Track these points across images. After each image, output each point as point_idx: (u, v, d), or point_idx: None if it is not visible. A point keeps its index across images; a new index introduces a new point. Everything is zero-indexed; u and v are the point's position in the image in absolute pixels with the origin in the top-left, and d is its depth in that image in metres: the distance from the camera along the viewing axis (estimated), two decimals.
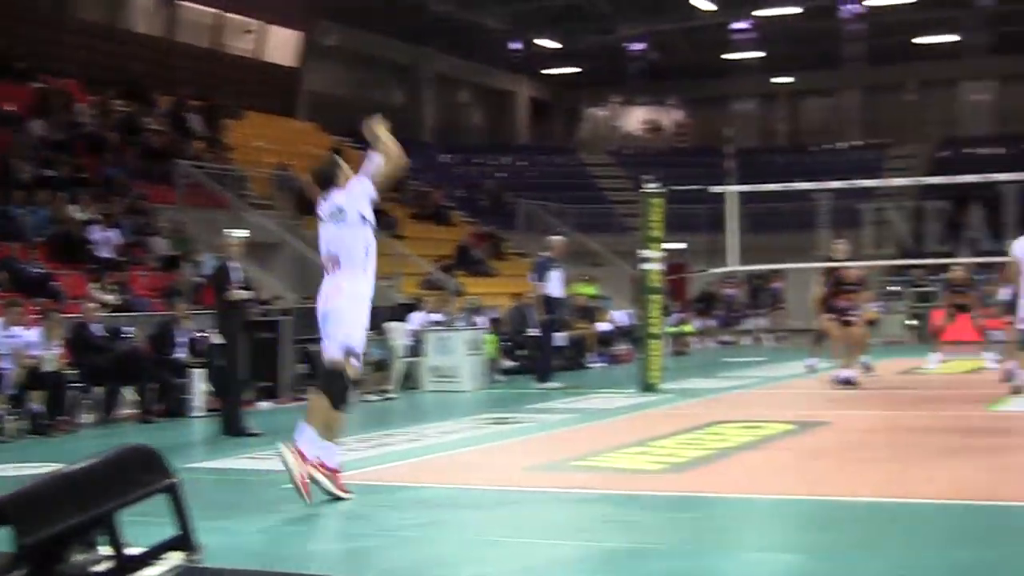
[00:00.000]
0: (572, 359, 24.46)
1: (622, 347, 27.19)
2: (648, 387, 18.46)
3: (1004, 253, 16.93)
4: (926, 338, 26.96)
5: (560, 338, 21.99)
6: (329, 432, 8.89)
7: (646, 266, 18.94)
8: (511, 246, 36.70)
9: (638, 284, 20.72)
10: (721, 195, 19.35)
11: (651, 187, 18.94)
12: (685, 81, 50.66)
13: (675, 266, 28.36)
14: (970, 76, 48.72)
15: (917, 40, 46.98)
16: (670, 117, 52.68)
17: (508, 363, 23.09)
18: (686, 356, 28.89)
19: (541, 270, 20.41)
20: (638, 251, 19.54)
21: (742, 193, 19.85)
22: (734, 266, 19.69)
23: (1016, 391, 15.65)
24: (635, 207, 21.82)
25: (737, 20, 46.72)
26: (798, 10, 43.35)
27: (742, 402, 17.07)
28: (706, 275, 32.58)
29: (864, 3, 44.57)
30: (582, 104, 54.16)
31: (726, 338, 34.28)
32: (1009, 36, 46.94)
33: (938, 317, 23.37)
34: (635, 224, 23.31)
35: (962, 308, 21.09)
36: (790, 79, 50.07)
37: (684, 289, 36.31)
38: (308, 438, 8.78)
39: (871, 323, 21.57)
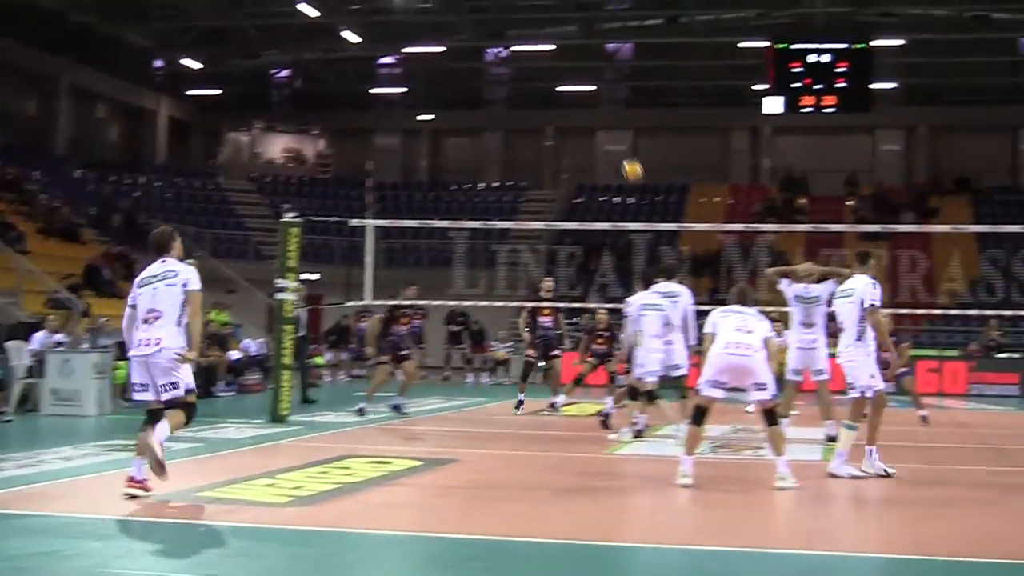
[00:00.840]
0: (201, 387, 23.95)
1: (252, 377, 26.85)
2: (278, 418, 18.24)
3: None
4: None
5: None
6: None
7: (281, 296, 18.74)
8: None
9: (272, 313, 20.49)
10: (360, 228, 19.32)
11: (290, 216, 18.77)
12: (329, 111, 50.65)
13: (310, 297, 28.16)
14: (606, 126, 50.36)
15: (558, 88, 48.39)
16: (313, 147, 52.46)
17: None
18: (317, 388, 28.70)
19: None
20: (274, 280, 19.30)
21: (380, 227, 19.90)
22: (369, 300, 19.68)
23: (637, 435, 16.20)
24: (273, 235, 21.65)
25: (383, 54, 47.12)
26: (442, 49, 44.00)
27: (371, 437, 17.02)
28: (340, 308, 32.51)
29: (508, 48, 45.64)
30: (224, 128, 53.30)
31: (358, 372, 34.24)
32: (643, 90, 49.11)
33: (570, 360, 23.69)
34: (272, 252, 23.12)
35: (601, 356, 20.89)
36: (432, 116, 50.62)
37: (318, 321, 36.16)
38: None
39: (503, 362, 21.89)
